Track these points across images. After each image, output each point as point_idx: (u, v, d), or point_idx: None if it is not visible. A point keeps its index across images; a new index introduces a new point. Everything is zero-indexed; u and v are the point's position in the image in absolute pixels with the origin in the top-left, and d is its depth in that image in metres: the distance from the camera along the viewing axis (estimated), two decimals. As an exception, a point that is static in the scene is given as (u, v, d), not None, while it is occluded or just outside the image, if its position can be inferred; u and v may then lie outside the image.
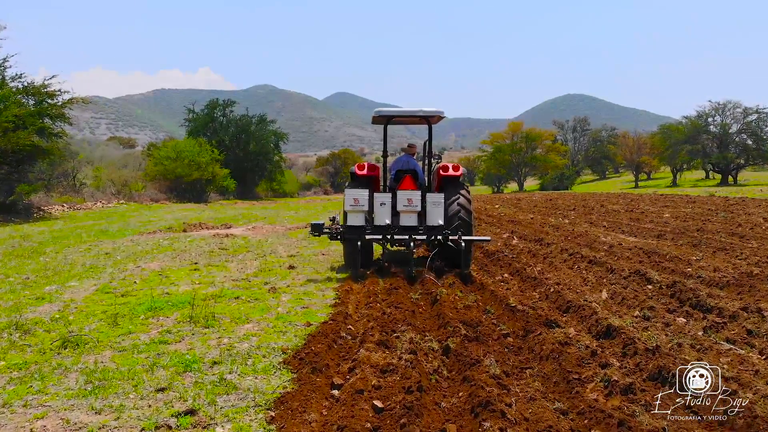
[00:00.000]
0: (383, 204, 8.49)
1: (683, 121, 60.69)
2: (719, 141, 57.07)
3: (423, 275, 7.92)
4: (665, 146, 59.95)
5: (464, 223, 8.60)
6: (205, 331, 5.59)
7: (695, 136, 57.48)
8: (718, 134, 57.64)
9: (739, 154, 56.08)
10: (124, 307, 6.75)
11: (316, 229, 8.48)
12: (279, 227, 17.84)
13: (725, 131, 57.37)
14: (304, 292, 7.45)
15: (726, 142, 56.78)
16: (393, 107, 12.61)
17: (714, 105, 58.10)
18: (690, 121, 59.25)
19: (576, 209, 22.88)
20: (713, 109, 58.39)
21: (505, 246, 11.71)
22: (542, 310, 5.88)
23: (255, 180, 54.06)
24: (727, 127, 57.70)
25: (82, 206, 30.04)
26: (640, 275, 7.99)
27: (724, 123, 57.97)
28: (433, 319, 5.81)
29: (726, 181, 53.23)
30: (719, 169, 55.98)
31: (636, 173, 69.38)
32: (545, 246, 11.59)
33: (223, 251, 11.96)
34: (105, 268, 10.04)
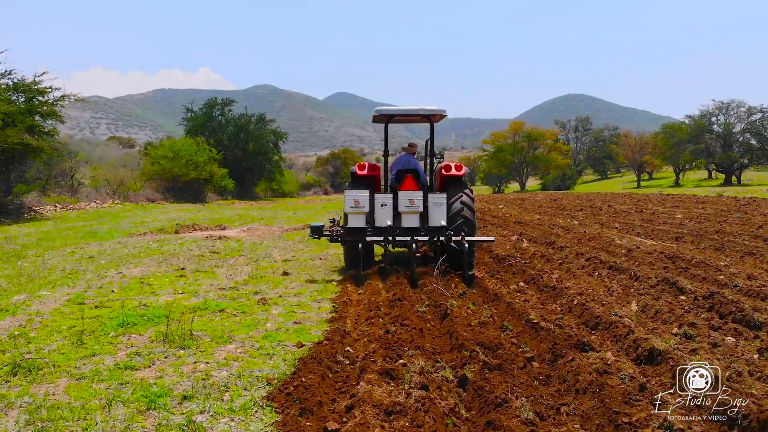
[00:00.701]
0: (384, 205, 8.28)
1: (686, 120, 59.79)
2: (723, 140, 56.20)
3: (431, 284, 7.17)
4: (668, 146, 59.07)
5: (467, 222, 8.41)
6: (180, 354, 4.81)
7: (698, 135, 56.61)
8: (721, 134, 56.74)
9: (743, 154, 55.20)
10: (95, 321, 5.99)
11: (315, 232, 8.28)
12: (275, 228, 17.07)
13: (729, 131, 56.47)
14: (298, 304, 6.68)
15: (730, 141, 55.90)
16: (393, 107, 12.11)
17: (717, 104, 57.23)
18: (693, 121, 58.35)
19: (583, 209, 22.10)
20: (717, 109, 57.50)
21: (515, 249, 10.94)
22: (570, 328, 5.11)
23: (254, 180, 53.15)
24: (730, 127, 56.81)
25: (75, 207, 29.25)
26: (669, 284, 7.22)
27: (728, 122, 57.07)
28: (445, 339, 5.03)
29: (730, 181, 52.37)
30: (723, 168, 55.10)
31: (638, 173, 68.49)
32: (558, 250, 10.81)
33: (213, 255, 11.19)
34: (84, 274, 9.28)
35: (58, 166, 36.78)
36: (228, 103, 52.85)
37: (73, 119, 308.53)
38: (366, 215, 8.21)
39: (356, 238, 7.99)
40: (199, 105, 52.31)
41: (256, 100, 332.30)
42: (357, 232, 8.08)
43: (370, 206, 8.23)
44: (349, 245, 8.33)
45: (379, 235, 8.02)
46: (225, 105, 52.49)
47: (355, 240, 7.97)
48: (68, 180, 36.91)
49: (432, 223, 8.22)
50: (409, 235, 7.96)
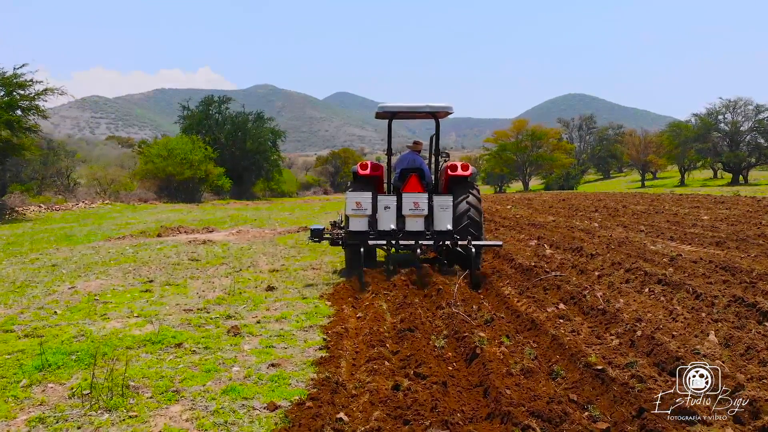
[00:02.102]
0: (388, 208, 7.96)
1: (693, 119, 58.17)
2: (730, 139, 54.60)
3: (449, 305, 5.73)
4: (674, 145, 57.49)
5: (474, 223, 8.19)
6: (100, 422, 3.37)
7: (705, 134, 55.04)
8: (728, 132, 55.15)
9: (750, 153, 53.57)
10: (12, 360, 4.56)
11: (316, 235, 7.89)
12: (268, 231, 15.63)
13: (736, 129, 54.86)
14: (279, 334, 5.22)
15: (737, 140, 54.30)
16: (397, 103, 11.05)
17: (725, 102, 55.58)
18: (700, 119, 56.75)
19: (598, 210, 20.61)
20: (724, 107, 55.82)
21: (537, 257, 9.49)
22: (653, 380, 3.65)
23: (252, 179, 51.56)
24: (738, 125, 55.18)
25: (61, 207, 27.80)
26: (745, 305, 5.78)
27: (735, 121, 55.43)
28: (478, 397, 3.58)
29: (737, 181, 50.76)
30: (730, 168, 53.49)
31: (642, 172, 66.91)
32: (589, 258, 9.35)
33: (192, 263, 9.75)
34: (34, 288, 7.85)
35: (54, 166, 36.05)
36: (225, 101, 51.30)
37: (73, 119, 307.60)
38: (368, 218, 7.83)
39: (358, 241, 7.59)
40: (196, 103, 50.76)
41: (257, 100, 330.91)
42: (359, 236, 7.68)
43: (372, 209, 7.84)
44: (351, 249, 8.00)
45: (382, 239, 7.69)
46: (222, 102, 50.95)
47: (357, 244, 7.58)
48: (64, 180, 35.91)
49: (437, 227, 7.88)
50: (413, 239, 7.61)
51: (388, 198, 8.02)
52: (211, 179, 41.89)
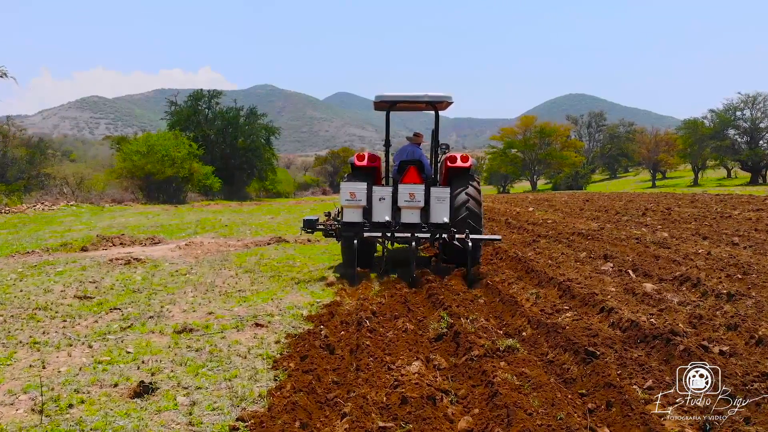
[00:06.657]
0: (383, 199, 7.81)
1: (709, 115, 54.13)
2: (749, 136, 50.72)
3: None
4: (689, 143, 53.63)
5: (473, 214, 7.93)
6: None
7: (722, 131, 51.21)
8: (747, 129, 51.26)
9: (770, 150, 49.69)
10: None
11: (308, 226, 7.89)
12: (232, 242, 11.97)
13: (755, 125, 50.98)
14: None
15: (756, 137, 50.42)
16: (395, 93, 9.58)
17: (743, 97, 51.67)
18: (717, 115, 52.78)
19: (646, 214, 16.88)
20: (742, 102, 51.82)
21: (637, 300, 5.82)
22: None
23: (244, 179, 47.70)
24: (757, 122, 51.29)
25: (13, 209, 24.10)
26: None
27: (754, 117, 51.54)
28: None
29: (756, 180, 46.83)
30: (749, 167, 49.53)
31: (653, 171, 63.10)
32: (717, 297, 5.68)
33: (68, 307, 6.09)
34: None
35: (41, 165, 33.46)
36: (215, 95, 47.51)
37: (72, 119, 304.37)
38: (363, 209, 7.77)
39: (352, 233, 7.57)
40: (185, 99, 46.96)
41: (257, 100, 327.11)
42: (353, 227, 7.67)
43: (367, 200, 7.78)
44: (345, 241, 7.91)
45: (377, 230, 7.63)
46: (213, 97, 47.18)
47: (351, 235, 7.54)
48: (44, 179, 32.95)
49: (434, 219, 7.81)
50: (409, 232, 7.55)
51: (383, 189, 7.90)
52: (196, 178, 38.18)
